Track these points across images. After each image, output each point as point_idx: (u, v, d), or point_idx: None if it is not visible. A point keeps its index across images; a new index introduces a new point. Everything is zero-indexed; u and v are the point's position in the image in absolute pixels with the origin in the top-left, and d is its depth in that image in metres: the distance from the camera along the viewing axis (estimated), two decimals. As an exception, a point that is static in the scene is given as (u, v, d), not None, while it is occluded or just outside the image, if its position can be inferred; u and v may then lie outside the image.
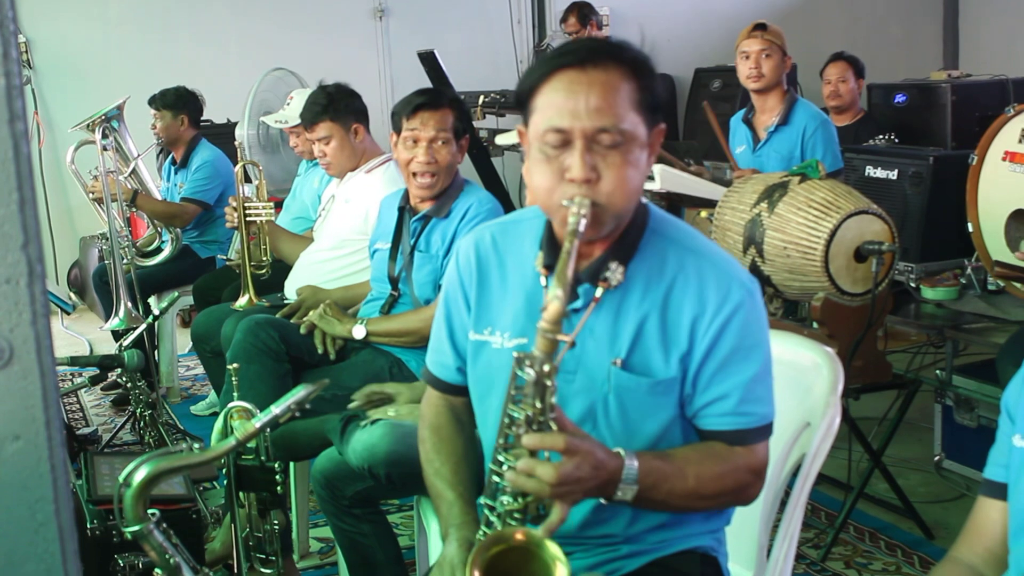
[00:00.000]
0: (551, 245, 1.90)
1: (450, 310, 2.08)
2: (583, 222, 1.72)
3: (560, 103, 1.77)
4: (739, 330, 1.84)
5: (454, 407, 2.12)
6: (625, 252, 1.88)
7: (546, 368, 1.67)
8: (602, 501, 1.79)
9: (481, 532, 1.80)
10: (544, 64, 1.82)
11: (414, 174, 3.33)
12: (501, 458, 1.74)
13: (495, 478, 1.75)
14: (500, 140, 5.89)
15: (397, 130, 3.36)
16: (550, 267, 1.87)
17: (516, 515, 1.72)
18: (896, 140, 5.31)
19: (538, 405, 1.68)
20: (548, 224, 1.93)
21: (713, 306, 1.83)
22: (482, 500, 1.80)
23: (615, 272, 1.80)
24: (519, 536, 1.68)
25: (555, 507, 1.68)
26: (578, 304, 1.88)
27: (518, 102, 1.88)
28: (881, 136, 5.36)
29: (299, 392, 1.91)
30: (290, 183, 5.39)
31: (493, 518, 1.75)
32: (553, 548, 1.66)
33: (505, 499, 1.72)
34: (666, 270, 1.87)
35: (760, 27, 4.70)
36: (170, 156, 5.87)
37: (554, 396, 1.69)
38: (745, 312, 1.85)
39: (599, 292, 1.81)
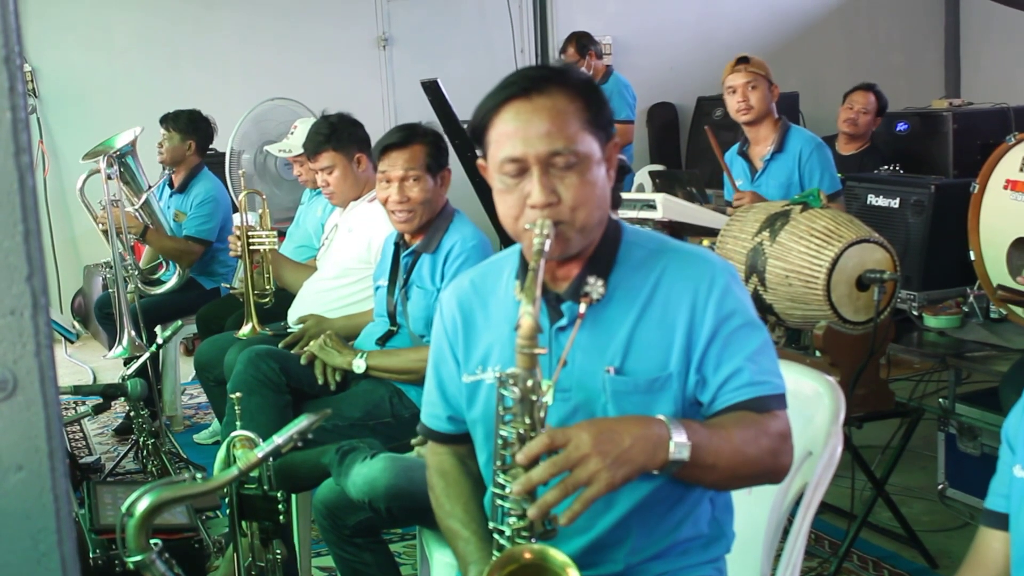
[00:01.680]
0: (525, 273, 1.92)
1: (437, 362, 2.12)
2: (548, 242, 1.77)
3: (511, 133, 1.83)
4: (736, 306, 1.88)
5: (457, 453, 2.13)
6: (603, 266, 1.92)
7: (530, 383, 1.68)
8: (656, 472, 1.72)
9: (494, 558, 1.79)
10: (492, 98, 1.88)
11: (392, 211, 3.38)
12: (501, 480, 1.74)
13: (499, 501, 1.75)
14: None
15: (375, 169, 3.42)
16: None
17: (524, 533, 1.71)
18: (901, 172, 5.33)
19: (527, 421, 1.69)
20: (522, 254, 1.98)
21: (705, 289, 1.87)
22: (490, 526, 1.80)
23: (595, 286, 1.81)
24: (527, 555, 1.68)
25: (586, 491, 1.63)
26: (564, 322, 1.92)
27: (474, 137, 1.93)
28: (886, 167, 5.38)
29: (301, 422, 1.91)
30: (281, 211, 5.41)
31: (503, 541, 1.75)
32: (560, 556, 1.66)
33: (511, 520, 1.72)
34: (648, 274, 1.91)
35: (743, 60, 4.72)
36: (167, 177, 5.84)
37: (543, 411, 1.69)
38: (735, 290, 1.89)
39: (583, 308, 1.82)
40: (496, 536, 1.78)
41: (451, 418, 2.11)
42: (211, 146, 6.04)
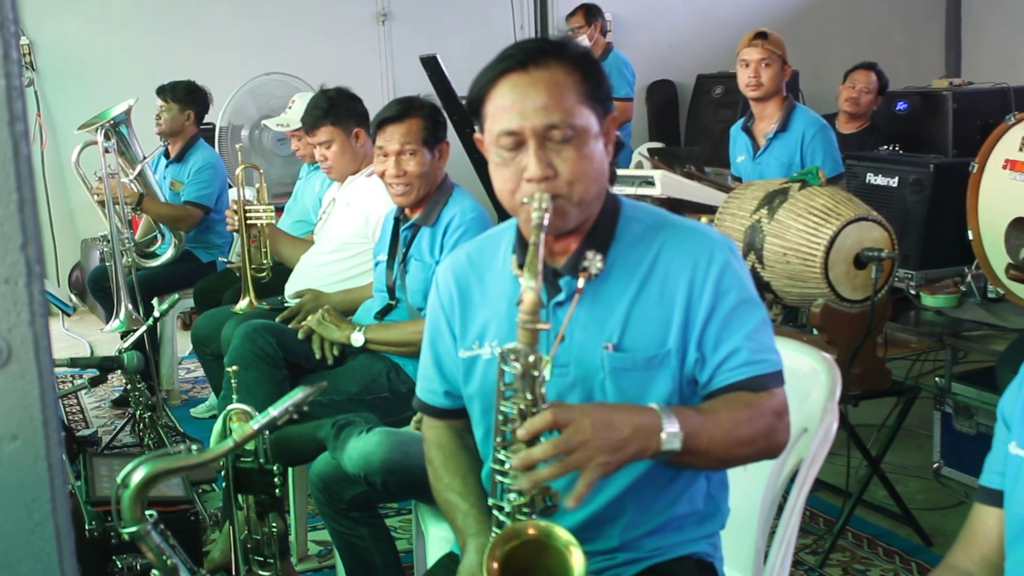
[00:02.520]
0: (523, 247, 1.92)
1: (434, 337, 2.11)
2: (546, 216, 1.75)
3: (508, 106, 1.82)
4: (734, 284, 1.87)
5: (454, 427, 2.13)
6: (601, 241, 1.91)
7: (531, 359, 1.67)
8: (647, 460, 1.74)
9: (494, 534, 1.79)
10: (489, 71, 1.87)
11: (390, 184, 3.38)
12: (501, 456, 1.73)
13: (499, 477, 1.75)
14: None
15: (374, 143, 3.44)
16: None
17: (524, 510, 1.71)
18: (900, 151, 5.33)
19: (529, 397, 1.68)
20: (518, 228, 1.97)
21: (703, 266, 1.86)
22: (489, 502, 1.79)
23: (594, 261, 1.79)
24: (530, 530, 1.68)
25: (581, 476, 1.64)
26: (562, 297, 1.91)
27: (471, 111, 1.92)
28: (885, 147, 5.37)
29: (297, 394, 1.91)
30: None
31: (503, 518, 1.75)
32: (564, 534, 1.66)
33: (512, 496, 1.72)
34: (647, 249, 1.91)
35: (761, 35, 4.69)
36: (162, 148, 5.80)
37: (543, 386, 1.68)
38: (734, 267, 1.89)
39: (581, 282, 1.80)
40: (496, 512, 1.77)
41: (448, 393, 2.10)
42: (204, 118, 6.02)
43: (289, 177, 6.35)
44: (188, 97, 5.61)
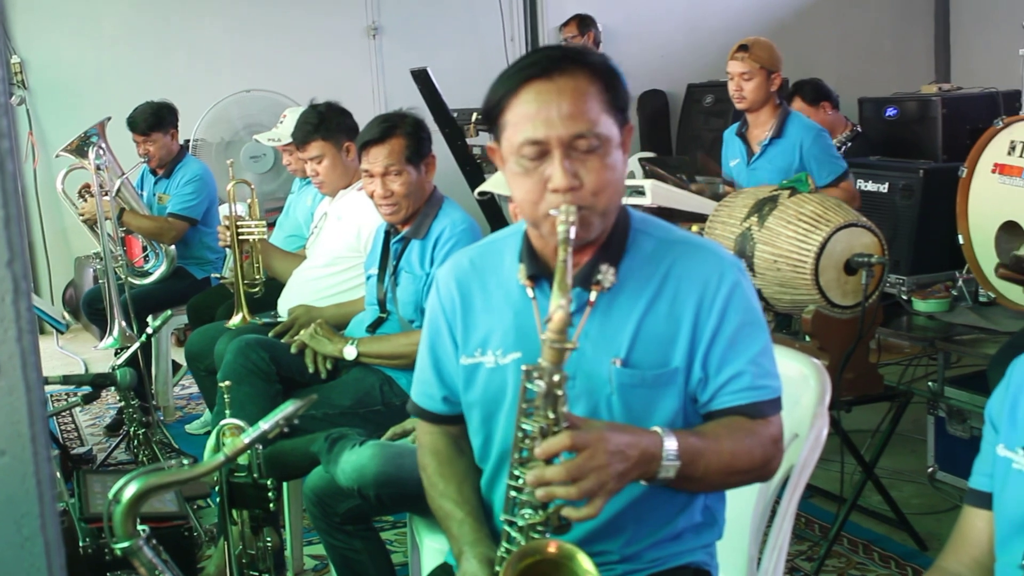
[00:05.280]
0: (531, 256, 1.92)
1: (434, 341, 2.08)
2: (573, 229, 1.71)
3: (532, 114, 1.78)
4: (742, 306, 1.87)
5: (450, 433, 2.11)
6: (614, 253, 1.89)
7: (556, 378, 1.66)
8: (642, 483, 1.76)
9: (503, 548, 1.78)
10: (511, 78, 1.82)
11: (378, 204, 3.41)
12: (517, 472, 1.73)
13: (512, 493, 1.74)
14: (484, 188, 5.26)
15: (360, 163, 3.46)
16: (533, 278, 1.89)
17: (539, 528, 1.71)
18: (859, 129, 5.37)
19: (551, 416, 1.67)
20: (526, 236, 1.95)
21: (713, 287, 1.86)
22: (502, 517, 1.78)
23: (607, 274, 1.76)
24: (551, 548, 1.67)
25: (590, 503, 1.65)
26: (572, 309, 1.89)
27: (487, 118, 1.88)
28: (846, 133, 5.43)
29: (287, 407, 1.91)
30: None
31: (515, 533, 1.74)
32: (586, 562, 1.66)
33: (526, 512, 1.72)
34: (658, 264, 1.89)
35: (742, 48, 4.69)
36: (145, 166, 5.78)
37: (565, 405, 1.68)
38: (743, 288, 1.88)
39: (593, 295, 1.79)
40: (507, 528, 1.77)
41: (446, 399, 2.09)
42: (198, 137, 6.03)
43: (269, 194, 6.37)
44: (164, 121, 5.57)
